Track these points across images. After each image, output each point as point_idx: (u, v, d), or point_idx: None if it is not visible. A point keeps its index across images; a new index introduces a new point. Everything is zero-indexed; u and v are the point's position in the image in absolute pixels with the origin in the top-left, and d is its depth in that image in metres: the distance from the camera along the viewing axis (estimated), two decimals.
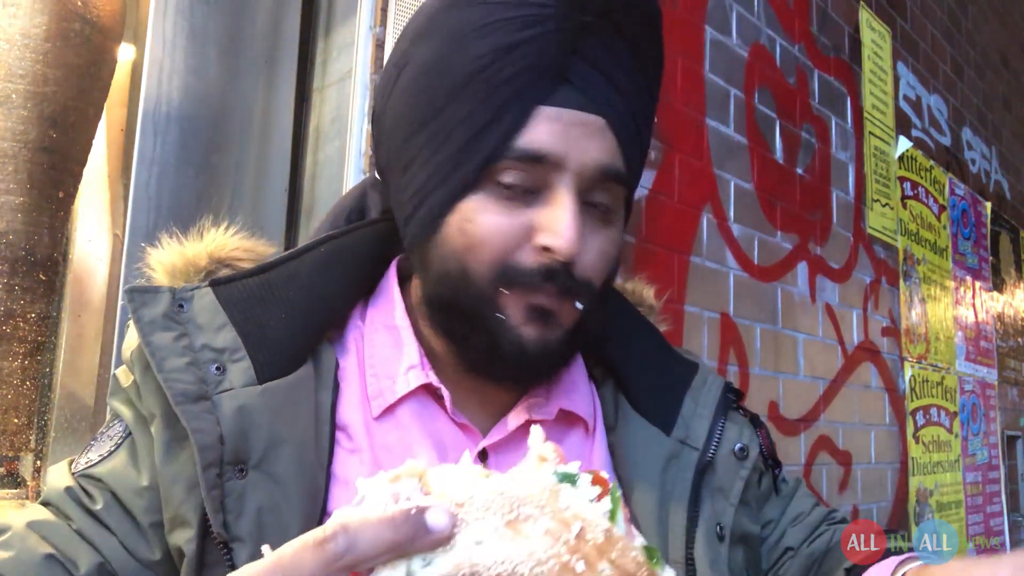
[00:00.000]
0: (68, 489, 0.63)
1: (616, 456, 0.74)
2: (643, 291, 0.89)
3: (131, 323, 0.65)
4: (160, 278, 0.71)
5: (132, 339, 0.66)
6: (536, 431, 0.46)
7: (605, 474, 0.41)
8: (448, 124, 0.63)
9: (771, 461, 0.80)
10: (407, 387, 0.67)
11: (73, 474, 0.64)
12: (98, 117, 1.39)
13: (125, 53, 1.45)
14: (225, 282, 0.66)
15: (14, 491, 1.44)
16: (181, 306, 0.64)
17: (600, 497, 0.40)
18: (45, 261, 1.33)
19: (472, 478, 0.40)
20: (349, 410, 0.67)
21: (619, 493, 0.41)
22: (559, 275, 0.62)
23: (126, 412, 0.65)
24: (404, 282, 0.75)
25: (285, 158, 1.57)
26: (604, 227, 0.66)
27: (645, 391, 0.76)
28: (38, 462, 1.43)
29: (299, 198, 1.58)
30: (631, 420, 0.74)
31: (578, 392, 0.75)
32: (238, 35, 1.50)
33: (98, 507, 0.62)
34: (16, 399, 1.32)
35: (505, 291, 0.62)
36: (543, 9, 0.61)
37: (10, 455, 1.42)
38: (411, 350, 0.69)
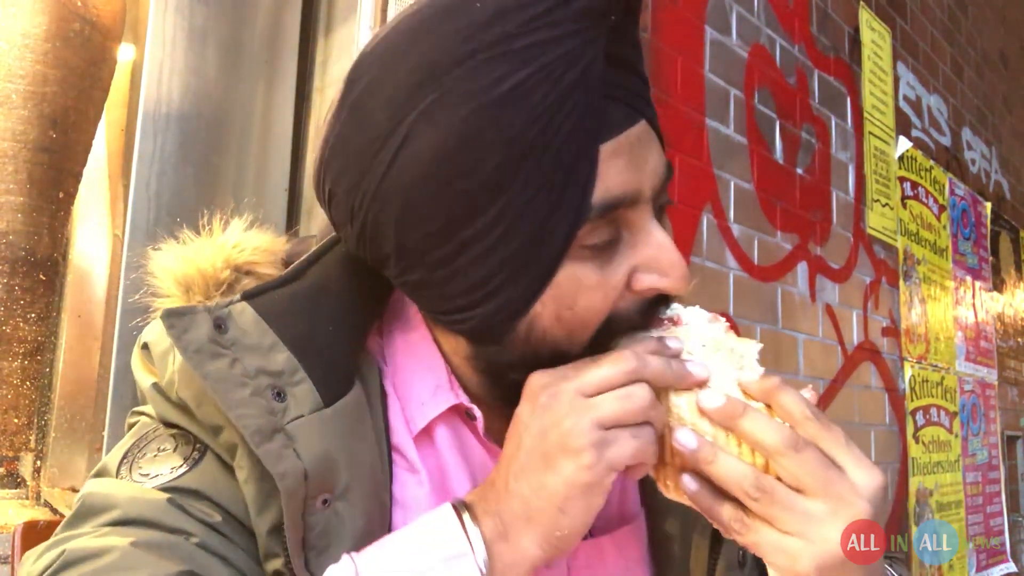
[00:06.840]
0: (171, 501, 0.56)
1: (644, 485, 0.72)
2: None
3: (143, 343, 0.61)
4: (169, 289, 0.65)
5: (175, 361, 0.59)
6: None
7: None
8: (512, 206, 0.53)
9: None
10: (436, 409, 0.64)
11: (158, 488, 0.57)
12: (98, 117, 1.40)
13: (125, 53, 1.45)
14: (257, 294, 0.61)
15: (14, 491, 1.44)
16: (219, 327, 0.58)
17: None
18: (45, 261, 1.33)
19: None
20: (397, 428, 0.63)
21: None
22: (661, 303, 0.61)
23: (194, 427, 0.60)
24: None
25: (285, 158, 1.57)
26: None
27: None
28: (38, 462, 1.43)
29: (299, 198, 1.58)
30: None
31: None
32: (238, 35, 1.50)
33: (217, 519, 0.56)
34: (16, 399, 1.32)
35: (604, 341, 0.59)
36: (576, 28, 0.52)
37: (10, 455, 1.42)
38: (437, 367, 0.65)
